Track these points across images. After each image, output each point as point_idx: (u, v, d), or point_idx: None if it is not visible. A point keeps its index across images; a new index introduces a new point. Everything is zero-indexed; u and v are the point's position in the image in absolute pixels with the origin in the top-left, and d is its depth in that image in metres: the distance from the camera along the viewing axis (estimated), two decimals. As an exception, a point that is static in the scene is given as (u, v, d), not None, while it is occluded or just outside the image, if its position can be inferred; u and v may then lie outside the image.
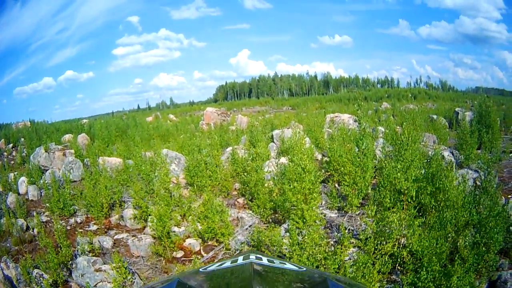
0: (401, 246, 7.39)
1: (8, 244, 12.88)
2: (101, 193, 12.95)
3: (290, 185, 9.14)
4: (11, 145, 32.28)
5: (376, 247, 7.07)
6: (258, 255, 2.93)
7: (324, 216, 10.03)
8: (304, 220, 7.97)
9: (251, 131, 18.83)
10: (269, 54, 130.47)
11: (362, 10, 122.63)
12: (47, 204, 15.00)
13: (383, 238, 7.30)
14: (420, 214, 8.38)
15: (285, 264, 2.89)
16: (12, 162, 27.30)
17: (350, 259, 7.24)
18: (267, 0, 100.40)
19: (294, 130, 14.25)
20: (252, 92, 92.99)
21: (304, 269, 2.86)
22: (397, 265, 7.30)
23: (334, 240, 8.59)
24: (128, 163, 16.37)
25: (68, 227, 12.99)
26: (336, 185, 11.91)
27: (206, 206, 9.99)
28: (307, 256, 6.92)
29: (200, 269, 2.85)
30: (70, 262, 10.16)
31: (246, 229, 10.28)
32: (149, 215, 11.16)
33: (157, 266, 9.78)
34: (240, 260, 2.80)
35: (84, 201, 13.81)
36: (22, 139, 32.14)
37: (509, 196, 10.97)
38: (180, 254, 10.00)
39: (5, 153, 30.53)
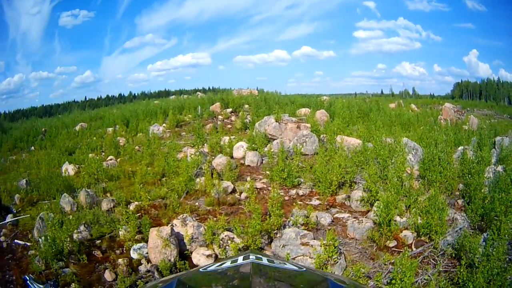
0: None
1: (198, 203, 14.75)
2: (333, 170, 14.15)
3: (499, 195, 9.93)
4: (229, 109, 35.10)
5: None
6: (258, 255, 3.29)
7: (512, 231, 10.32)
8: (499, 233, 8.57)
9: (480, 134, 19.76)
10: (492, 58, 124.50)
11: None
12: (268, 172, 16.81)
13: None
14: None
15: (285, 264, 3.31)
16: (229, 126, 30.48)
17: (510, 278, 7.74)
18: (482, 3, 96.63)
19: (511, 140, 14.44)
20: (482, 94, 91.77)
21: (304, 269, 3.31)
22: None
23: (509, 257, 9.01)
24: (367, 146, 17.44)
25: (286, 198, 14.48)
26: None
27: (431, 202, 10.67)
28: (488, 268, 7.59)
29: (200, 269, 3.33)
30: (275, 231, 11.34)
31: (456, 231, 10.72)
32: (377, 200, 11.95)
33: (367, 251, 10.52)
34: (240, 260, 3.16)
35: (312, 175, 15.29)
36: (246, 105, 35.19)
37: None
38: (392, 244, 10.68)
39: (220, 117, 33.61)
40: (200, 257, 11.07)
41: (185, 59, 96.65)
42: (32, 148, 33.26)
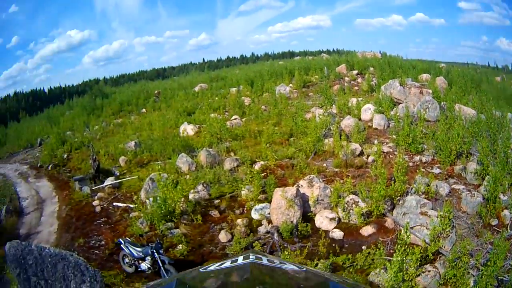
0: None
1: (325, 164, 15.88)
2: (452, 139, 14.83)
3: None
4: (355, 71, 36.19)
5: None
6: (258, 255, 3.42)
7: None
8: None
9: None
10: None
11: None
12: (394, 136, 17.81)
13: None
14: None
15: (285, 264, 3.47)
16: (356, 88, 31.56)
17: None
18: None
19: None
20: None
21: (304, 269, 3.45)
22: None
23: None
24: (481, 117, 17.72)
25: (411, 164, 15.27)
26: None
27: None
28: None
29: (200, 269, 3.43)
30: (398, 198, 12.21)
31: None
32: (487, 174, 12.41)
33: (474, 227, 11.07)
34: (240, 260, 3.28)
35: (434, 142, 15.99)
36: (371, 68, 35.90)
37: None
38: (495, 222, 11.16)
39: (346, 78, 34.74)
40: (323, 220, 12.08)
41: (305, 21, 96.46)
42: (144, 110, 35.48)
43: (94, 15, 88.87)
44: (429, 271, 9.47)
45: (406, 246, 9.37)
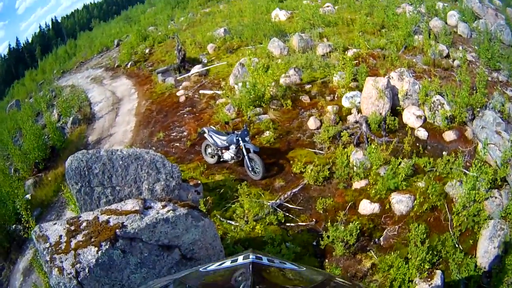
0: None
1: (415, 60, 16.07)
2: None
3: None
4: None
5: None
6: (258, 255, 3.22)
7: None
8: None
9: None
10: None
11: None
12: (476, 47, 17.88)
13: None
14: None
15: (285, 264, 3.31)
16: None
17: None
18: None
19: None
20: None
21: (304, 268, 3.31)
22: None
23: None
24: None
25: (489, 78, 14.99)
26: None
27: None
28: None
29: (200, 269, 3.29)
30: (478, 109, 12.23)
31: None
32: None
33: None
34: (240, 259, 3.12)
35: (509, 65, 15.93)
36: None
37: None
38: None
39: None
40: (410, 116, 12.28)
41: None
42: (234, -2, 34.39)
43: None
44: (495, 197, 9.49)
45: (482, 163, 9.59)
